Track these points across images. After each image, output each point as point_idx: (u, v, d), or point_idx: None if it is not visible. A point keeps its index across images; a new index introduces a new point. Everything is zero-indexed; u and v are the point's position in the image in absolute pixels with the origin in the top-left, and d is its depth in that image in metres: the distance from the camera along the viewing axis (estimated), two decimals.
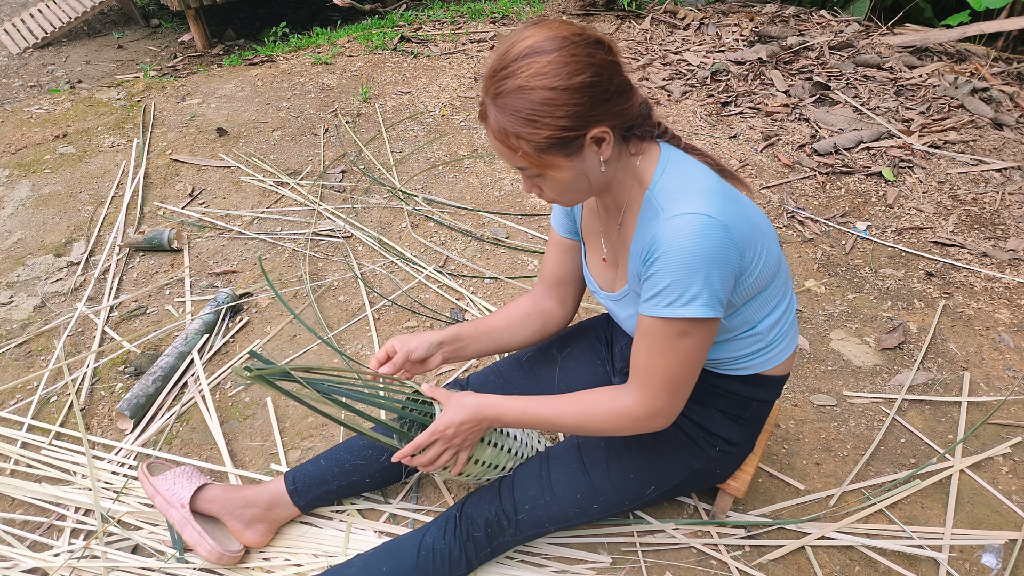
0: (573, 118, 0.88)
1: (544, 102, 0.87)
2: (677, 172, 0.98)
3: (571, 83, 0.87)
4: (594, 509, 1.22)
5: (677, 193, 0.94)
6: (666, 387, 1.01)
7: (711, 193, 0.93)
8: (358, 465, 1.38)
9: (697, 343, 0.98)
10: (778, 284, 1.08)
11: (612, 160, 0.98)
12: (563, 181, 0.96)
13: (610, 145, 0.94)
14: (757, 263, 0.99)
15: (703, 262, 0.91)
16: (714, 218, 0.90)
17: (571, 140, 0.90)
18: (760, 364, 1.13)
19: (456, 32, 4.41)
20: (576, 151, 0.92)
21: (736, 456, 1.25)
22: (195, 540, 1.32)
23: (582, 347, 1.41)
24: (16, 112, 3.53)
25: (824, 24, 4.15)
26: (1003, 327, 1.98)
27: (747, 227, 0.96)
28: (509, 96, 0.89)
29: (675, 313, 0.94)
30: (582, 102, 0.88)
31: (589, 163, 0.95)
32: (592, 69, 0.88)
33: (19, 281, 2.28)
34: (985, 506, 1.48)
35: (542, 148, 0.90)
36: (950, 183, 2.65)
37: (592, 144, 0.93)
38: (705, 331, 0.97)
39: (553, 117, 0.88)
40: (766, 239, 1.01)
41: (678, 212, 0.91)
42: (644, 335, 1.00)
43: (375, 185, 2.75)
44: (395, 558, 1.20)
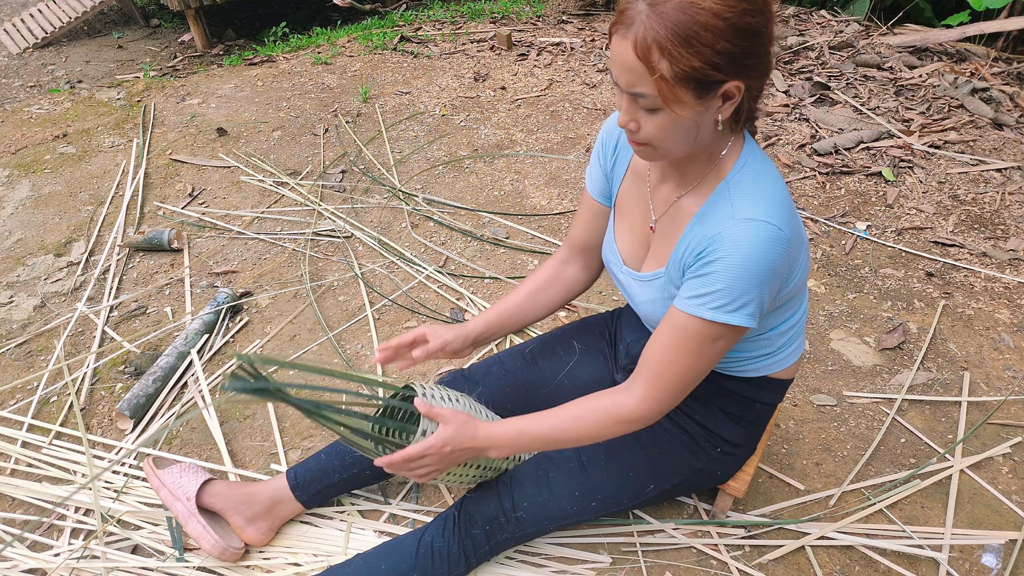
0: (728, 57, 0.81)
1: (710, 28, 0.79)
2: (756, 168, 0.95)
3: (741, 21, 0.80)
4: (593, 507, 1.22)
5: (752, 192, 0.92)
6: (678, 386, 0.99)
7: (782, 201, 0.91)
8: (358, 457, 1.38)
9: (724, 348, 0.97)
10: (799, 295, 1.09)
11: (725, 125, 0.92)
12: (677, 123, 0.87)
13: (733, 106, 0.88)
14: (795, 275, 0.99)
15: (763, 272, 0.89)
16: (782, 231, 0.89)
17: (712, 83, 0.83)
18: (767, 367, 1.13)
19: (456, 32, 4.41)
20: (707, 96, 0.85)
21: (737, 458, 1.25)
22: (199, 533, 1.32)
23: (586, 343, 1.41)
24: (16, 112, 3.53)
25: (824, 24, 4.15)
26: (1003, 327, 1.98)
27: (799, 240, 0.95)
28: (674, 7, 0.79)
29: (721, 318, 0.92)
30: (743, 45, 0.81)
31: (709, 115, 0.88)
32: (762, 17, 0.82)
33: (19, 281, 2.28)
34: (985, 506, 1.48)
35: (681, 77, 0.82)
36: (950, 183, 2.65)
37: (721, 97, 0.86)
38: (736, 337, 0.96)
39: (712, 48, 0.80)
40: (805, 251, 1.00)
41: (750, 216, 0.89)
42: (674, 331, 0.96)
43: (375, 185, 2.75)
44: (394, 556, 1.21)
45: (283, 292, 2.18)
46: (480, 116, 3.31)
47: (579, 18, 4.57)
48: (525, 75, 3.74)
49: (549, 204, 2.61)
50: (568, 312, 2.07)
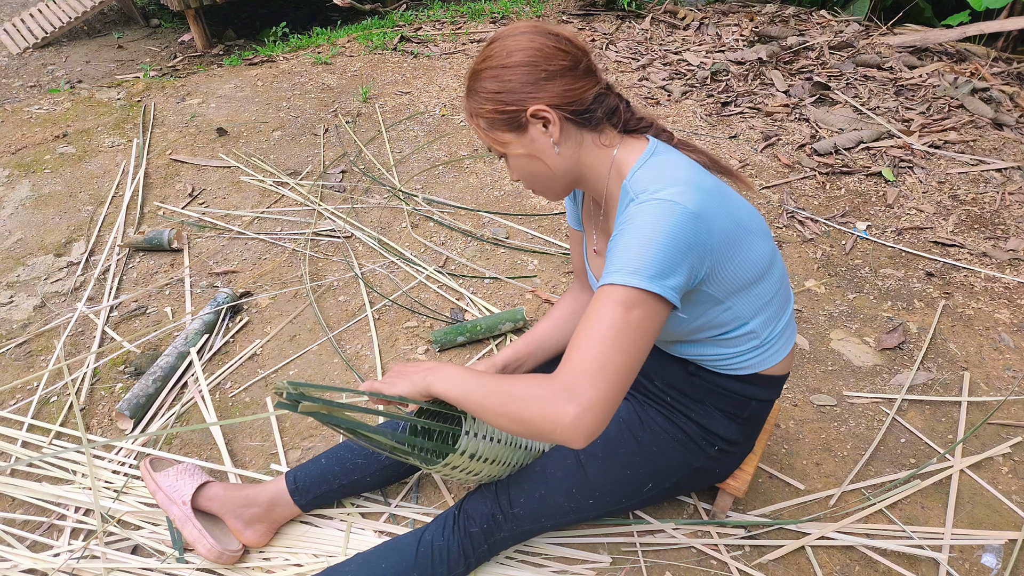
0: (509, 93, 0.98)
1: (488, 80, 0.99)
2: (656, 163, 0.99)
3: (507, 61, 0.98)
4: (591, 504, 1.22)
5: (651, 182, 0.95)
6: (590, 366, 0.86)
7: (687, 184, 0.93)
8: (359, 464, 1.38)
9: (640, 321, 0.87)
10: (771, 282, 1.08)
11: (571, 145, 1.02)
12: (520, 160, 1.03)
13: (557, 127, 0.99)
14: (734, 257, 0.98)
15: (656, 235, 0.88)
16: (683, 205, 0.89)
17: (512, 115, 0.99)
18: (758, 363, 1.13)
19: (456, 32, 4.41)
20: (520, 128, 1.00)
21: (735, 456, 1.25)
22: (195, 538, 1.32)
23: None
24: (16, 112, 3.53)
25: (824, 24, 4.15)
26: (1003, 327, 1.98)
27: (726, 222, 0.96)
28: (472, 82, 1.03)
29: (620, 279, 0.87)
30: (515, 78, 0.97)
31: (539, 144, 1.01)
32: (528, 52, 0.97)
33: (19, 281, 2.28)
34: (985, 506, 1.48)
35: (490, 124, 1.01)
36: (950, 183, 2.65)
37: (537, 124, 0.99)
38: (651, 309, 0.88)
39: (492, 92, 0.99)
40: (750, 236, 1.01)
41: (648, 198, 0.92)
42: (591, 308, 0.90)
43: (375, 185, 2.75)
44: (394, 555, 1.21)
45: (283, 292, 2.18)
46: None
47: (579, 18, 4.57)
48: None
49: (549, 204, 2.61)
50: None
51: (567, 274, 2.23)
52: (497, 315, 1.97)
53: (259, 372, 1.89)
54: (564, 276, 2.23)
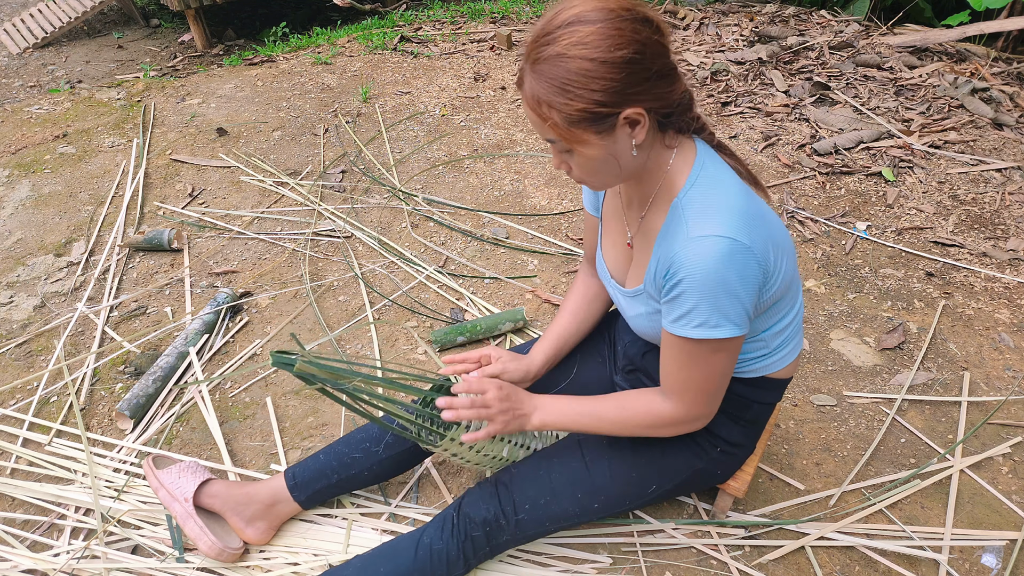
0: (608, 93, 0.85)
1: (581, 73, 0.84)
2: (707, 184, 0.96)
3: (611, 56, 0.84)
4: (595, 508, 1.22)
5: (704, 209, 0.93)
6: (704, 395, 1.04)
7: (737, 212, 0.92)
8: (356, 458, 1.38)
9: (728, 355, 1.00)
10: (788, 297, 1.09)
11: (645, 147, 0.95)
12: (592, 160, 0.93)
13: (644, 129, 0.91)
14: (775, 281, 1.00)
15: (727, 284, 0.91)
16: (738, 241, 0.89)
17: (604, 117, 0.87)
18: (765, 367, 1.14)
19: (456, 32, 4.41)
20: (608, 130, 0.89)
21: (737, 457, 1.25)
22: (196, 535, 1.32)
23: (586, 345, 1.41)
24: (16, 112, 3.53)
25: (824, 24, 4.15)
26: (1003, 327, 1.98)
27: (769, 246, 0.95)
28: (547, 63, 0.86)
29: (703, 334, 0.95)
30: (620, 78, 0.85)
31: (620, 145, 0.92)
32: (635, 45, 0.85)
33: (19, 281, 2.28)
34: (985, 506, 1.48)
35: (573, 121, 0.88)
36: (950, 183, 2.65)
37: (625, 125, 0.90)
38: (734, 345, 0.99)
39: (588, 89, 0.85)
40: (785, 256, 1.01)
41: (702, 233, 0.90)
42: (675, 351, 1.00)
43: (375, 185, 2.75)
44: (393, 558, 1.20)
45: (283, 292, 2.18)
46: (480, 116, 3.31)
47: None
48: None
49: (549, 204, 2.61)
50: None
51: (567, 274, 2.23)
52: (497, 315, 1.97)
53: (259, 372, 1.89)
54: (564, 276, 2.23)
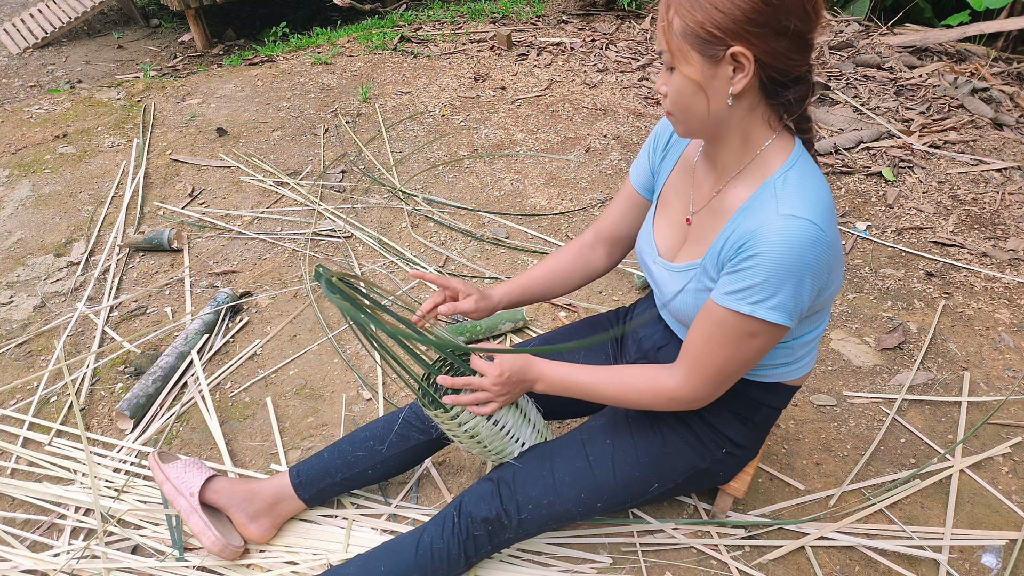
0: (729, 19, 0.85)
1: None
2: (805, 172, 0.95)
3: None
4: (598, 507, 1.21)
5: (799, 192, 0.92)
6: (716, 377, 1.02)
7: (828, 205, 0.92)
8: (360, 457, 1.39)
9: (762, 345, 0.98)
10: (825, 309, 1.09)
11: (743, 106, 0.94)
12: (686, 84, 0.92)
13: (746, 79, 0.89)
14: (830, 285, 0.99)
15: (801, 270, 0.89)
16: (824, 231, 0.89)
17: (714, 42, 0.87)
18: (783, 374, 1.14)
19: (456, 32, 4.41)
20: (712, 59, 0.88)
21: (740, 459, 1.25)
22: (200, 529, 1.32)
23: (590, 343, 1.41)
24: (16, 112, 3.53)
25: (824, 24, 4.15)
26: (1003, 327, 1.98)
27: (839, 249, 0.96)
28: None
29: (756, 312, 0.93)
30: (745, 9, 0.85)
31: (718, 83, 0.90)
32: None
33: (19, 281, 2.29)
34: (985, 506, 1.48)
35: (686, 32, 0.88)
36: (950, 183, 2.65)
37: (729, 64, 0.89)
38: (773, 336, 0.97)
39: (712, 6, 0.86)
40: (841, 264, 1.01)
41: (794, 212, 0.89)
42: (711, 324, 0.98)
43: (375, 185, 2.75)
44: (393, 557, 1.20)
45: (283, 292, 2.18)
46: (480, 116, 3.31)
47: (579, 18, 4.57)
48: (525, 75, 3.74)
49: (549, 204, 2.61)
50: (568, 312, 2.07)
51: None
52: (497, 315, 1.97)
53: (259, 372, 1.89)
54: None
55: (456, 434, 1.20)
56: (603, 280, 2.19)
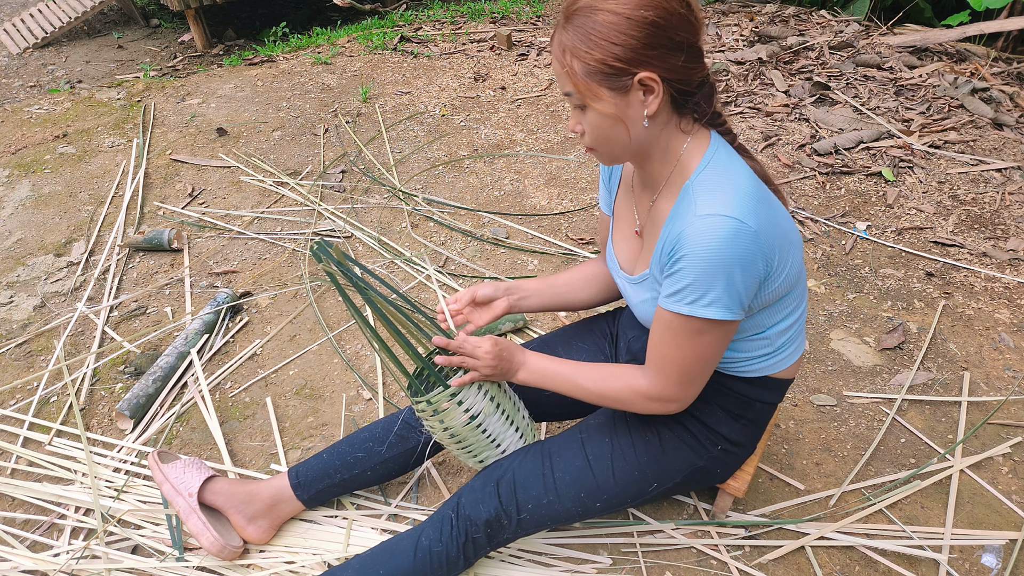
0: (627, 49, 0.89)
1: (605, 25, 0.89)
2: (719, 167, 0.97)
3: (636, 14, 0.88)
4: (597, 507, 1.22)
5: (713, 189, 0.94)
6: (680, 377, 1.04)
7: (746, 195, 0.93)
8: (359, 458, 1.39)
9: (714, 340, 1.00)
10: (795, 293, 1.09)
11: (659, 122, 0.97)
12: (603, 118, 0.95)
13: (658, 100, 0.93)
14: (780, 271, 1.00)
15: (727, 266, 0.91)
16: (744, 223, 0.90)
17: (619, 73, 0.91)
18: (768, 367, 1.14)
19: (456, 32, 4.41)
20: (622, 89, 0.92)
21: (737, 456, 1.25)
22: (199, 530, 1.33)
23: (586, 342, 1.42)
24: (16, 112, 3.53)
25: (824, 24, 4.15)
26: (1003, 327, 1.98)
27: (776, 234, 0.96)
28: (578, 15, 0.92)
29: (695, 312, 0.95)
30: (640, 37, 0.89)
31: (632, 111, 0.94)
32: (661, 11, 0.89)
33: (19, 281, 2.29)
34: (985, 506, 1.48)
35: (590, 72, 0.92)
36: (950, 183, 2.65)
37: (639, 90, 0.92)
38: (722, 331, 0.99)
39: (608, 42, 0.89)
40: (792, 248, 1.02)
41: (709, 212, 0.91)
42: (662, 327, 1.02)
43: (375, 185, 2.75)
44: (392, 561, 1.20)
45: (283, 292, 2.18)
46: (480, 116, 3.31)
47: None
48: (525, 75, 3.74)
49: (549, 204, 2.61)
50: (568, 313, 2.07)
51: None
52: None
53: (259, 372, 1.89)
54: None
55: (436, 431, 1.21)
56: None
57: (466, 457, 1.26)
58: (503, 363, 1.16)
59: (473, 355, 1.15)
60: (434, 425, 1.20)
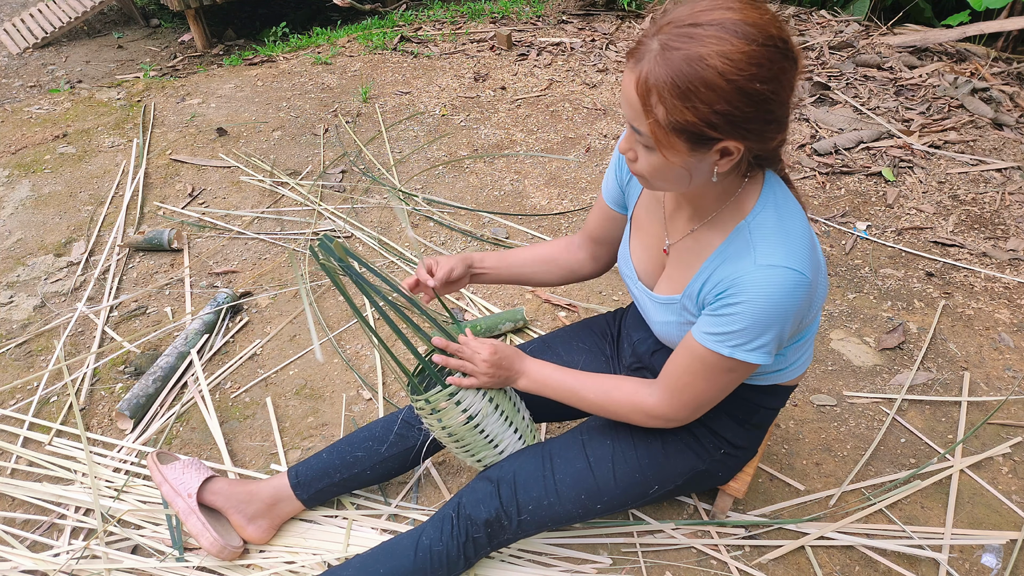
0: (726, 117, 0.80)
1: (712, 86, 0.78)
2: (778, 211, 0.94)
3: (748, 86, 0.78)
4: (598, 509, 1.22)
5: (773, 237, 0.92)
6: (693, 403, 1.05)
7: (804, 244, 0.92)
8: (359, 457, 1.39)
9: (739, 378, 1.02)
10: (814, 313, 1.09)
11: (725, 175, 0.93)
12: (669, 166, 0.88)
13: (733, 162, 0.87)
14: (815, 305, 1.01)
15: (783, 317, 0.92)
16: (803, 275, 0.90)
17: (707, 138, 0.83)
18: (778, 377, 1.14)
19: (456, 32, 4.41)
20: (701, 148, 0.84)
21: (739, 459, 1.25)
22: (198, 531, 1.33)
23: (587, 343, 1.42)
24: (16, 112, 3.53)
25: (824, 24, 4.15)
26: (1003, 327, 1.98)
27: (819, 276, 0.97)
28: (681, 56, 0.78)
29: (736, 355, 0.95)
30: (745, 111, 0.80)
31: (703, 165, 0.88)
32: (773, 84, 0.80)
33: (19, 281, 2.28)
34: (985, 506, 1.48)
35: (676, 127, 0.82)
36: (950, 183, 2.65)
37: (718, 152, 0.86)
38: (750, 369, 1.00)
39: (710, 106, 0.79)
40: (824, 280, 1.03)
41: (772, 263, 0.90)
42: (692, 357, 1.01)
43: (375, 185, 2.75)
44: (392, 560, 1.20)
45: (283, 292, 2.18)
46: (480, 116, 3.31)
47: (579, 18, 4.57)
48: (525, 75, 3.74)
49: (549, 204, 2.61)
50: (568, 312, 2.07)
51: None
52: (497, 315, 1.97)
53: (259, 372, 1.89)
54: None
55: (435, 429, 1.21)
56: (603, 280, 2.19)
57: (464, 456, 1.26)
58: (502, 371, 1.16)
59: (472, 360, 1.15)
60: (432, 424, 1.21)
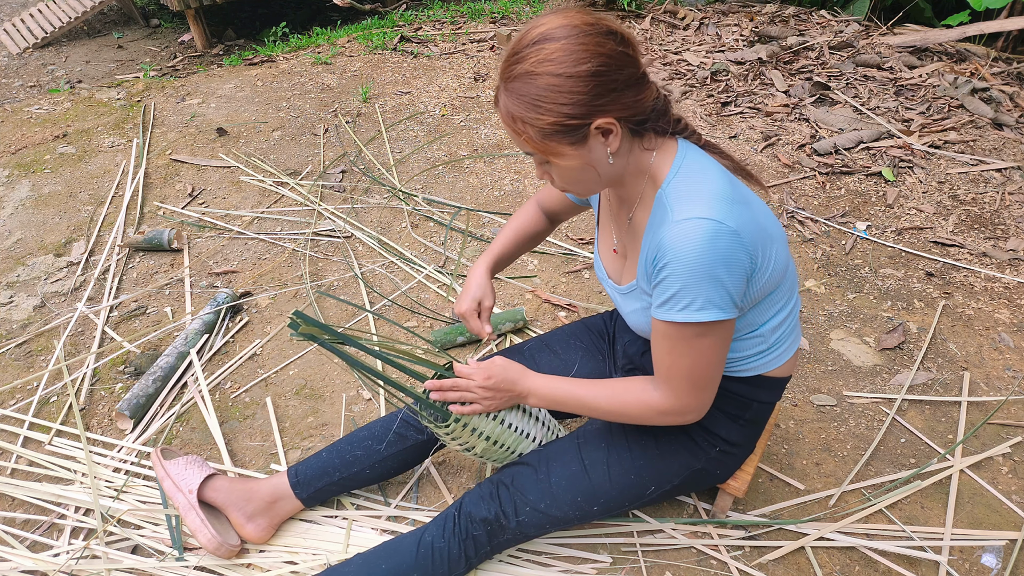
0: (577, 106, 0.89)
1: (548, 88, 0.88)
2: (690, 173, 0.97)
3: (576, 70, 0.87)
4: (595, 511, 1.22)
5: (687, 195, 0.94)
6: (689, 386, 1.03)
7: (721, 196, 0.93)
8: (358, 456, 1.39)
9: (714, 343, 0.99)
10: (784, 288, 1.09)
11: (622, 153, 0.98)
12: (570, 170, 0.96)
13: (618, 137, 0.93)
14: (766, 267, 0.99)
15: (711, 267, 0.91)
16: (722, 223, 0.90)
17: (575, 128, 0.91)
18: (762, 365, 1.13)
19: (456, 32, 4.41)
20: (581, 140, 0.92)
21: (736, 457, 1.25)
22: (196, 527, 1.33)
23: (585, 343, 1.42)
24: (16, 112, 3.53)
25: (824, 24, 4.15)
26: (1003, 327, 1.98)
27: (756, 230, 0.95)
28: (518, 81, 0.90)
29: (689, 318, 0.95)
30: (586, 90, 0.88)
31: (596, 154, 0.95)
32: (599, 59, 0.88)
33: (19, 281, 2.28)
34: (985, 506, 1.48)
35: (546, 134, 0.91)
36: (950, 183, 2.65)
37: (598, 135, 0.93)
38: (720, 331, 0.98)
39: (556, 104, 0.89)
40: (775, 243, 1.01)
41: (686, 216, 0.91)
42: (661, 338, 1.01)
43: (375, 185, 2.75)
44: (394, 556, 1.21)
45: (283, 292, 2.18)
46: (480, 116, 3.31)
47: None
48: None
49: None
50: (568, 312, 2.07)
51: (567, 274, 2.23)
52: (497, 315, 1.97)
53: (259, 372, 1.89)
54: (564, 276, 2.23)
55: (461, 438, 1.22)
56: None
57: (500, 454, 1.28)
58: (502, 393, 1.15)
59: (468, 389, 1.15)
60: (452, 446, 1.23)
